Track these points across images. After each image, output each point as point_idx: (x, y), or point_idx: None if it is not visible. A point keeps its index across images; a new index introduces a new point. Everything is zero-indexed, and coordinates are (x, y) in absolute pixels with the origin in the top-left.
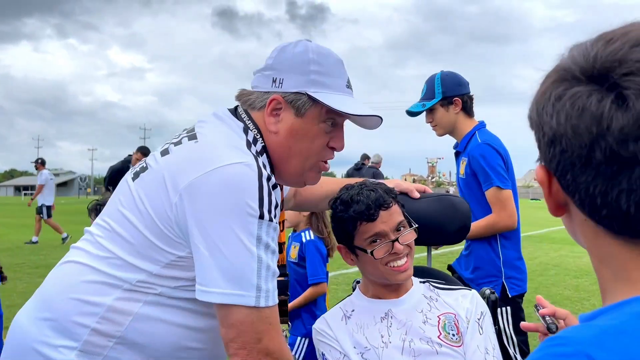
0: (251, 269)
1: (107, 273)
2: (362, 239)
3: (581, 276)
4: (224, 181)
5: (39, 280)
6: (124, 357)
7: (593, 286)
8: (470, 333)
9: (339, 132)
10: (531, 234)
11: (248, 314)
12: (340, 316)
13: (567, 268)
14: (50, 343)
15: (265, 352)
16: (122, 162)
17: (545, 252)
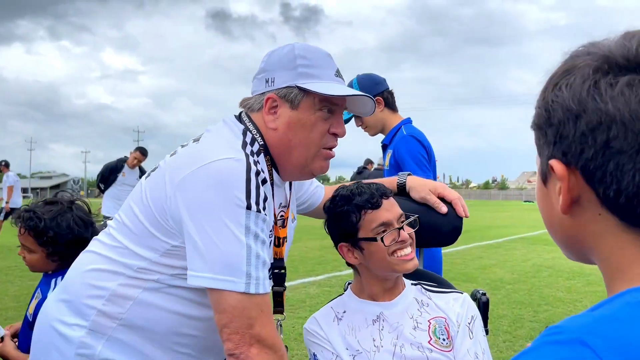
0: (240, 256)
1: (114, 260)
2: (368, 229)
3: (574, 278)
4: (213, 174)
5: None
6: (126, 338)
7: (586, 288)
8: (461, 337)
9: (338, 119)
10: (524, 235)
11: (239, 300)
12: (332, 317)
13: (560, 270)
14: (65, 321)
15: (257, 338)
16: (117, 161)
17: (538, 254)
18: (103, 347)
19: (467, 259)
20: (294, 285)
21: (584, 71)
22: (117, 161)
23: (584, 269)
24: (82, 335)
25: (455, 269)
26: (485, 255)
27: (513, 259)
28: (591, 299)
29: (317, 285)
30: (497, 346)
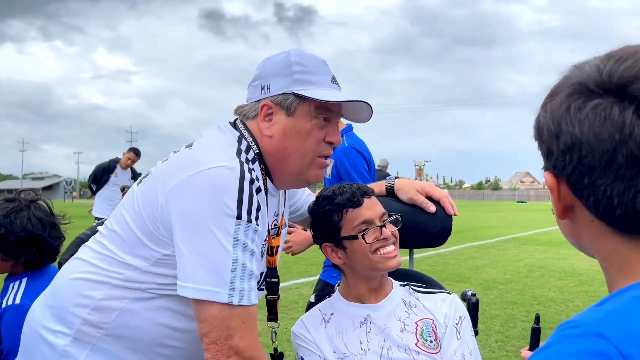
0: (225, 266)
1: (102, 268)
2: (349, 227)
3: (566, 278)
4: (205, 182)
5: None
6: (111, 348)
7: (577, 288)
8: (448, 338)
9: (333, 127)
10: (517, 236)
11: (220, 310)
12: (319, 320)
13: (552, 270)
14: (50, 328)
15: (235, 350)
16: (109, 161)
17: (530, 254)
18: (86, 357)
19: (460, 259)
20: (287, 287)
21: (562, 95)
22: (110, 162)
23: (575, 269)
24: (66, 343)
25: (448, 269)
26: (478, 255)
27: (505, 259)
28: (583, 298)
29: (310, 286)
30: (489, 346)
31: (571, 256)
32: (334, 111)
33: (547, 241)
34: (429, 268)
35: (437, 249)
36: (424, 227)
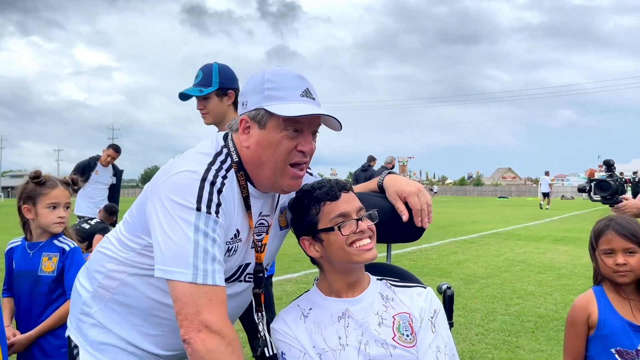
0: (187, 250)
1: (115, 246)
2: (326, 220)
3: (545, 272)
4: (173, 183)
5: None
6: (117, 308)
7: (556, 281)
8: (423, 332)
9: (305, 137)
10: (498, 231)
11: (188, 289)
12: (298, 315)
13: (532, 264)
14: (81, 281)
15: (205, 324)
16: (89, 159)
17: (510, 249)
18: (98, 310)
19: (442, 255)
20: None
21: None
22: (90, 159)
23: (554, 263)
24: (88, 296)
25: (430, 264)
26: (460, 250)
27: (486, 254)
28: (561, 292)
29: (293, 282)
30: (469, 339)
31: (550, 251)
32: (304, 122)
33: (527, 236)
34: (411, 263)
35: (419, 244)
36: (401, 225)
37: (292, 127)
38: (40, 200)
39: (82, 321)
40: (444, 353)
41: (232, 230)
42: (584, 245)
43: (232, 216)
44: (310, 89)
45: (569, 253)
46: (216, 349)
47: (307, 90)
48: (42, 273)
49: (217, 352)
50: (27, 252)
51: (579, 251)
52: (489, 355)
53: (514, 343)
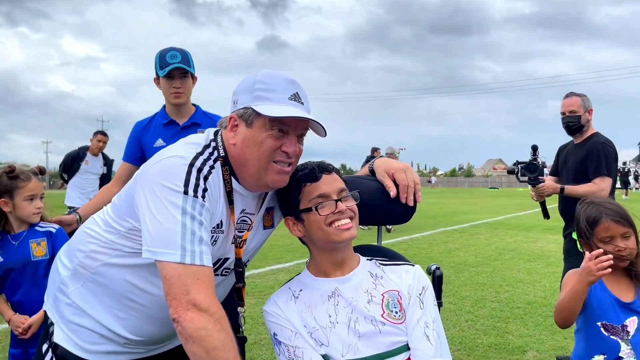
0: (175, 232)
1: (99, 227)
2: (307, 200)
3: (534, 260)
4: (161, 167)
5: None
6: (93, 288)
7: (545, 269)
8: (412, 308)
9: (290, 139)
10: (488, 220)
11: (176, 269)
12: (289, 296)
13: (522, 252)
14: (62, 259)
15: (193, 303)
16: (78, 149)
17: (500, 238)
18: (75, 290)
19: (433, 244)
20: (263, 272)
21: None
22: (79, 149)
23: (543, 252)
24: (67, 275)
25: (421, 253)
26: (451, 239)
27: (477, 243)
28: (550, 279)
29: (285, 272)
30: (459, 325)
31: (540, 239)
32: (290, 125)
33: (517, 225)
34: (402, 252)
35: (411, 234)
36: (390, 205)
37: (277, 127)
38: (17, 194)
39: (58, 299)
40: (431, 328)
41: (216, 219)
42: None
43: (216, 205)
44: (301, 93)
45: (558, 242)
46: (205, 326)
47: (297, 95)
48: (36, 258)
49: (206, 329)
50: (11, 244)
51: None
52: (479, 340)
53: (503, 329)
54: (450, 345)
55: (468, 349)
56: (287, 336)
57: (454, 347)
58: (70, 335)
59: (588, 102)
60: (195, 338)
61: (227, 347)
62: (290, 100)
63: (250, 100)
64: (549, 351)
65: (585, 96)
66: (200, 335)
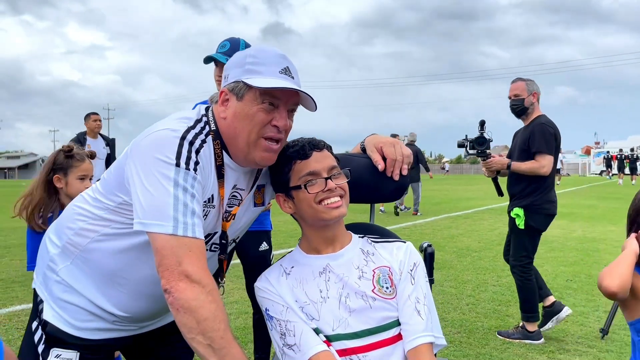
0: (168, 204)
1: (88, 204)
2: (297, 178)
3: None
4: (152, 140)
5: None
6: (83, 266)
7: (548, 254)
8: (403, 284)
9: (280, 112)
10: (492, 206)
11: (168, 240)
12: (280, 273)
13: None
14: (50, 237)
15: (185, 274)
16: (77, 135)
17: (504, 224)
18: (64, 268)
19: (436, 229)
20: None
21: None
22: (78, 135)
23: (547, 237)
24: (56, 253)
25: (424, 238)
26: (454, 225)
27: (480, 229)
28: (552, 264)
29: None
30: (460, 308)
31: None
32: (281, 99)
33: None
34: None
35: (414, 220)
36: (381, 183)
37: (268, 100)
38: (71, 172)
39: (47, 276)
40: (422, 304)
41: (207, 193)
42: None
43: (207, 179)
44: (291, 68)
45: (562, 227)
46: (197, 297)
47: (287, 69)
48: None
49: (198, 300)
50: None
51: (572, 225)
52: (479, 323)
53: (504, 312)
54: (450, 327)
55: (468, 332)
56: (278, 311)
57: (454, 330)
58: (60, 313)
59: (532, 85)
60: (187, 309)
61: (219, 318)
62: (281, 74)
63: (241, 74)
64: (549, 334)
65: (531, 81)
66: (191, 306)
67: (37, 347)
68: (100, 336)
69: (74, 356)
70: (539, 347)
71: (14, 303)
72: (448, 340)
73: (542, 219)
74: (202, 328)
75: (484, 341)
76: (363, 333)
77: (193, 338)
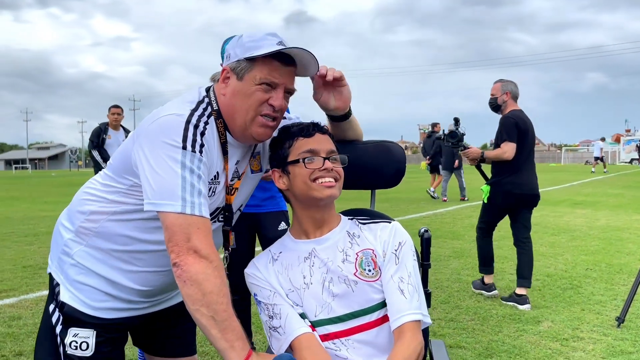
0: (176, 184)
1: (99, 188)
2: (296, 153)
3: (559, 234)
4: (159, 125)
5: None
6: (98, 247)
7: (569, 243)
8: (387, 265)
9: (277, 93)
10: None
11: (177, 218)
12: (268, 259)
13: (547, 226)
14: (63, 222)
15: (194, 250)
16: (99, 125)
17: None
18: (79, 251)
19: (457, 218)
20: None
21: None
22: (100, 125)
23: (569, 226)
24: (70, 237)
25: (444, 227)
26: (475, 214)
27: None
28: (573, 252)
29: None
30: (475, 297)
31: (567, 214)
32: (278, 81)
33: (545, 200)
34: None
35: (435, 209)
36: (381, 169)
37: (267, 81)
38: None
39: (62, 260)
40: (407, 283)
41: (213, 171)
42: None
43: (212, 158)
44: (284, 41)
45: (586, 216)
46: (204, 271)
47: (282, 42)
48: None
49: (205, 273)
50: None
51: (596, 214)
52: (493, 311)
53: None
54: (464, 315)
55: (482, 319)
56: (266, 295)
57: (468, 317)
58: (76, 294)
59: (507, 86)
60: (194, 281)
61: (222, 292)
62: (278, 45)
63: (242, 52)
64: (564, 322)
65: (508, 82)
66: (198, 278)
67: (55, 328)
68: (114, 315)
69: (91, 334)
70: (552, 335)
71: (41, 289)
72: (461, 327)
73: (500, 196)
74: (207, 300)
75: (497, 328)
76: (346, 317)
77: (197, 309)
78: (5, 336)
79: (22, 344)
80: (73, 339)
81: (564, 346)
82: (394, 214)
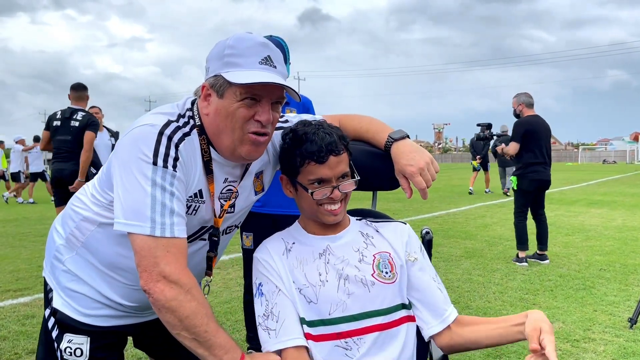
0: (145, 204)
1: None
2: (306, 178)
3: (573, 234)
4: (131, 137)
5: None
6: (86, 257)
7: (583, 243)
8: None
9: (263, 107)
10: None
11: (146, 241)
12: (282, 249)
13: (561, 226)
14: (57, 227)
15: (162, 275)
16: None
17: None
18: (70, 258)
19: (469, 218)
20: None
21: None
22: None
23: (584, 226)
24: (62, 243)
25: (456, 227)
26: (488, 214)
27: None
28: (587, 253)
29: None
30: (486, 297)
31: (582, 214)
32: (262, 93)
33: (560, 200)
34: (437, 226)
35: (448, 209)
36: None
37: (249, 96)
38: None
39: (55, 266)
40: (438, 282)
41: (193, 188)
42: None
43: (191, 173)
44: (273, 56)
45: (602, 216)
46: (176, 297)
47: (268, 58)
48: None
49: (177, 300)
50: None
51: (612, 214)
52: (504, 311)
53: (531, 300)
54: (474, 315)
55: None
56: (270, 290)
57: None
58: (68, 301)
59: (519, 99)
60: (167, 309)
61: (200, 314)
62: (261, 64)
63: (219, 67)
64: (576, 322)
65: (519, 95)
66: (172, 305)
67: (52, 332)
68: (108, 323)
69: (85, 341)
70: (563, 335)
71: None
72: None
73: (526, 183)
74: (185, 325)
75: None
76: (361, 316)
77: (178, 334)
78: (19, 334)
79: (35, 342)
80: (68, 344)
81: (575, 347)
82: (407, 214)
